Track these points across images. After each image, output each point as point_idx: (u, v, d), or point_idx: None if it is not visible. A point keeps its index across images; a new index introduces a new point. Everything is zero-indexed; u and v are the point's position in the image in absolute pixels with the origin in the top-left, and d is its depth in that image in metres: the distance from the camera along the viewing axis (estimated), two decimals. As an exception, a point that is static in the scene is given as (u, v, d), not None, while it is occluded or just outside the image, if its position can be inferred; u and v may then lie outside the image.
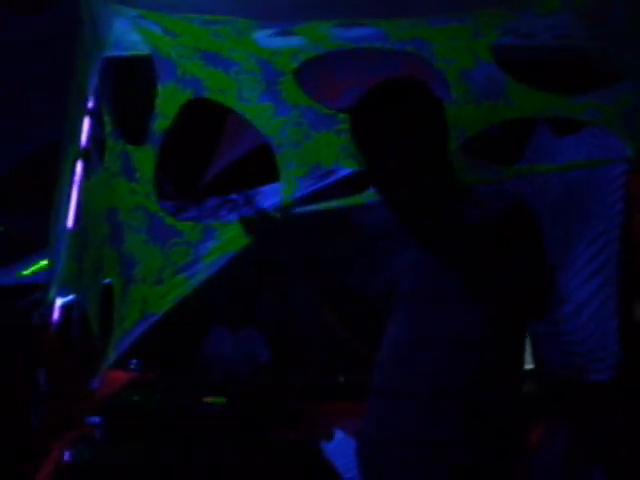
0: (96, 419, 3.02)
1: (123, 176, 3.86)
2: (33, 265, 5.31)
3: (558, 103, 3.85)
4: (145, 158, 3.87)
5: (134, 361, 4.20)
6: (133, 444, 2.84)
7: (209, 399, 2.91)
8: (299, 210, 3.97)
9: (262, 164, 4.72)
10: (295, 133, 3.92)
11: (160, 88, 3.86)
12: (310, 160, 3.93)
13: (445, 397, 2.32)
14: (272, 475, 2.75)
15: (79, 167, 3.85)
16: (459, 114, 3.67)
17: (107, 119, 3.85)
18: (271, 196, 4.45)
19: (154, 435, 2.84)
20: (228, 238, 3.97)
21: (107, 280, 3.91)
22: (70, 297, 4.03)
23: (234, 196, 4.82)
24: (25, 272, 5.36)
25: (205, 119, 4.38)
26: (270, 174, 4.56)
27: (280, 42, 3.79)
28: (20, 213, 6.59)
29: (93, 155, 3.88)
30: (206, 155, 5.85)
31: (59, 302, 3.95)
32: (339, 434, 3.30)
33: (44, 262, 5.02)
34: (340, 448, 3.15)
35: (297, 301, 4.84)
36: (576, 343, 4.19)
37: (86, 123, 3.92)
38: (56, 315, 3.93)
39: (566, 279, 4.37)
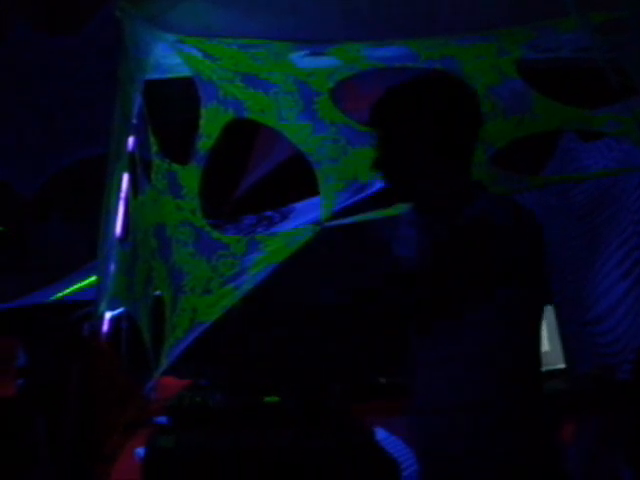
0: (163, 419, 3.18)
1: (169, 193, 4.01)
2: (79, 283, 5.43)
3: (580, 116, 4.01)
4: (190, 176, 4.02)
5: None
6: (199, 437, 3.00)
7: (264, 398, 3.09)
8: (337, 223, 4.13)
9: (293, 179, 4.82)
10: (333, 149, 4.09)
11: (203, 110, 4.00)
12: (348, 174, 4.10)
13: (472, 409, 2.31)
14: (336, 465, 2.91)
15: (125, 181, 3.91)
16: (487, 128, 3.80)
17: (153, 139, 3.97)
18: (306, 212, 4.58)
19: (218, 428, 3.01)
20: (272, 250, 4.13)
21: (157, 292, 4.04)
22: (119, 309, 4.17)
23: (269, 213, 4.93)
24: (71, 289, 5.48)
25: (235, 133, 4.37)
26: (301, 188, 4.67)
27: (315, 63, 3.92)
28: (55, 221, 6.75)
29: (140, 174, 3.97)
30: (237, 169, 5.96)
31: (108, 314, 4.09)
32: (381, 432, 3.44)
33: (91, 279, 5.14)
34: (385, 445, 3.30)
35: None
36: (609, 344, 4.31)
37: (131, 142, 3.96)
38: (106, 327, 4.07)
39: (595, 282, 4.48)
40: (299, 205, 4.72)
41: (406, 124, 2.42)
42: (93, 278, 4.74)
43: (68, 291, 5.50)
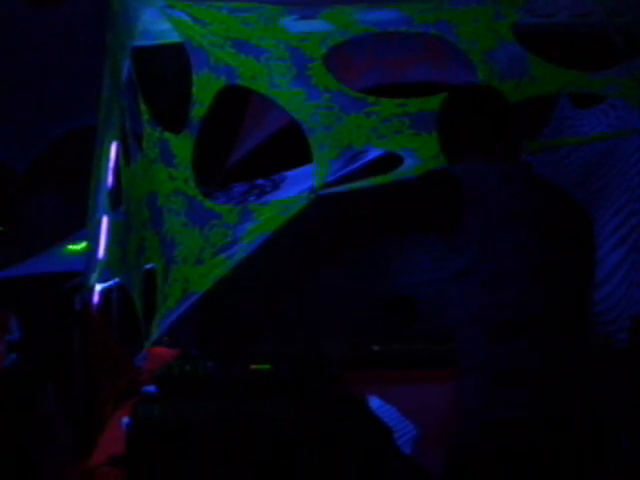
0: (152, 388, 3.14)
1: (161, 162, 3.95)
2: (70, 247, 5.42)
3: (578, 79, 3.95)
4: (183, 145, 3.95)
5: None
6: (186, 406, 2.96)
7: (255, 366, 3.04)
8: (332, 190, 4.08)
9: (286, 147, 4.76)
10: (326, 117, 4.01)
11: (195, 77, 3.94)
12: (342, 142, 4.03)
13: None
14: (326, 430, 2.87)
15: (114, 149, 3.91)
16: None
17: (144, 108, 3.91)
18: (299, 181, 4.53)
19: (207, 397, 2.97)
20: (265, 219, 4.08)
21: (149, 265, 4.01)
22: (110, 281, 4.14)
23: (261, 181, 4.87)
24: (63, 253, 5.47)
25: (226, 101, 4.28)
26: (294, 156, 4.61)
27: (307, 27, 3.87)
28: (49, 195, 6.72)
29: (131, 144, 3.92)
30: (230, 138, 5.88)
31: (99, 286, 4.05)
32: (375, 401, 3.41)
33: (81, 245, 5.12)
34: (379, 413, 3.26)
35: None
36: (605, 311, 4.26)
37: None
38: (97, 298, 4.03)
39: (592, 250, 4.46)
40: (291, 173, 4.66)
41: None
42: (83, 245, 4.73)
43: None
